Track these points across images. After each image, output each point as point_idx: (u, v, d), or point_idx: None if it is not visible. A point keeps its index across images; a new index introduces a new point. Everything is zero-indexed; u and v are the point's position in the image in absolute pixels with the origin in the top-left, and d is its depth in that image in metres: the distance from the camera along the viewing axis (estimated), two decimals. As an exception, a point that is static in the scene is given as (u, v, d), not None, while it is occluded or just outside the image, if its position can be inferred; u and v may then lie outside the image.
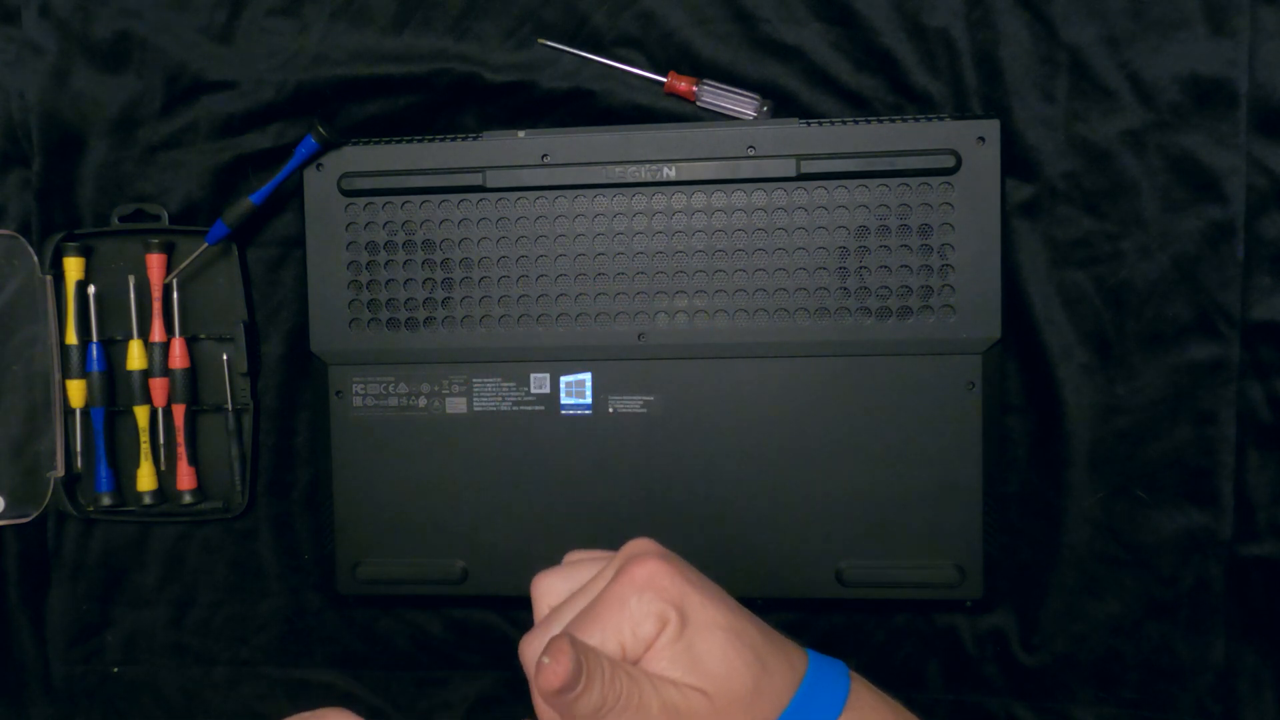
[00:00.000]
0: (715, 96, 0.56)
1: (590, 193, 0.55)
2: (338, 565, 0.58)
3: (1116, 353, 0.54)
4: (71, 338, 0.60)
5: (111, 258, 0.60)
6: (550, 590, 0.37)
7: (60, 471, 0.60)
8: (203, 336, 0.60)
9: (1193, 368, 0.54)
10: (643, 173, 0.54)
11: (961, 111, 0.55)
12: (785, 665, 0.34)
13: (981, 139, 0.53)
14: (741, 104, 0.56)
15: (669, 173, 0.54)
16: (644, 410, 0.56)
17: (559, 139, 0.55)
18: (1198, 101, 0.53)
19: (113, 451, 0.61)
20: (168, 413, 0.60)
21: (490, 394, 0.56)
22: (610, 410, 0.56)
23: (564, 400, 0.56)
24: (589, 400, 0.56)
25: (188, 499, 0.60)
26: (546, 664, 0.30)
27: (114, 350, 0.61)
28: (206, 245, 0.58)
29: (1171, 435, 0.54)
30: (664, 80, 0.56)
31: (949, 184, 0.53)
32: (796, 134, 0.54)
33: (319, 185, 0.57)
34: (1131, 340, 0.54)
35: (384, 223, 0.56)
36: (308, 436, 0.61)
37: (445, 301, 0.56)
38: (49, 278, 0.60)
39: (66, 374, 0.60)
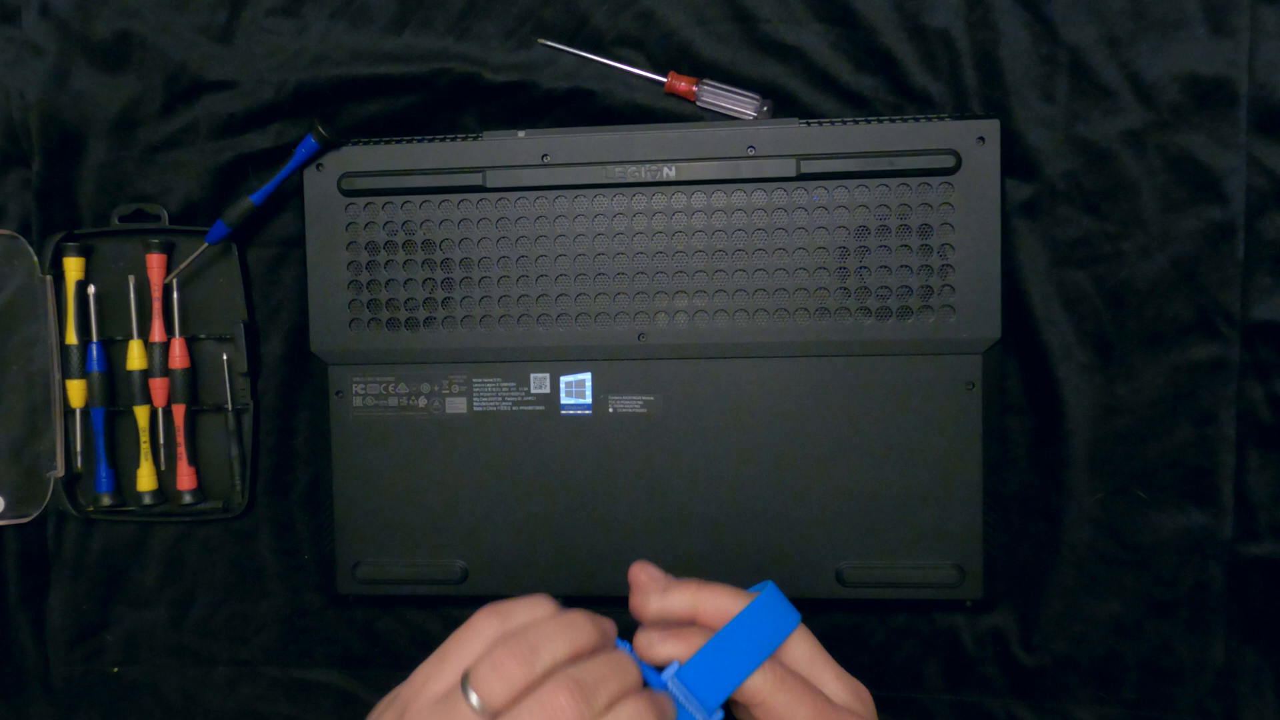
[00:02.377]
0: (715, 96, 0.56)
1: (590, 193, 0.55)
2: (338, 565, 0.58)
3: (1116, 353, 0.54)
4: (71, 338, 0.60)
5: (111, 258, 0.60)
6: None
7: (60, 471, 0.60)
8: (203, 336, 0.60)
9: (1193, 368, 0.54)
10: (643, 173, 0.55)
11: (961, 111, 0.55)
12: None
13: (981, 139, 0.53)
14: (741, 104, 0.56)
15: (669, 173, 0.54)
16: (644, 410, 0.56)
17: (559, 139, 0.55)
18: (1198, 101, 0.53)
19: (113, 451, 0.61)
20: (168, 413, 0.60)
21: (490, 394, 0.56)
22: (610, 410, 0.56)
23: (564, 400, 0.56)
24: (589, 400, 0.56)
25: (188, 499, 0.60)
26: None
27: (114, 350, 0.61)
28: (206, 245, 0.58)
29: (1171, 435, 0.54)
30: (664, 80, 0.56)
31: (949, 184, 0.53)
32: (796, 134, 0.54)
33: (319, 185, 0.57)
34: (1131, 340, 0.54)
35: (384, 223, 0.56)
36: (308, 436, 0.61)
37: (445, 301, 0.56)
38: (49, 278, 0.60)
39: (66, 374, 0.60)
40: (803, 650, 0.40)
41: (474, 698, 0.32)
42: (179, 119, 0.59)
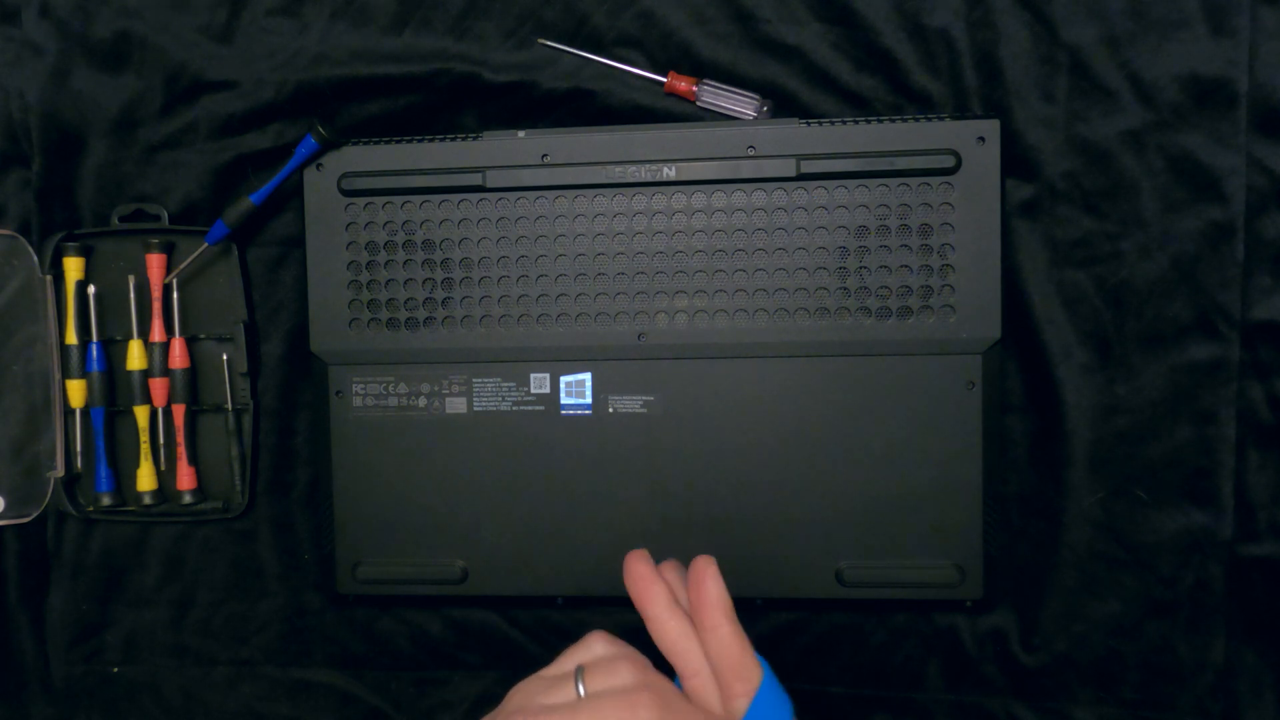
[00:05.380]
0: (715, 96, 0.56)
1: (590, 193, 0.55)
2: (338, 565, 0.58)
3: (1116, 353, 0.54)
4: (71, 338, 0.60)
5: (111, 258, 0.60)
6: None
7: (60, 471, 0.60)
8: (203, 336, 0.60)
9: (1193, 368, 0.54)
10: (643, 173, 0.55)
11: (961, 111, 0.55)
12: None
13: (981, 139, 0.53)
14: (741, 104, 0.56)
15: (669, 173, 0.54)
16: (644, 410, 0.56)
17: (559, 139, 0.55)
18: (1198, 101, 0.53)
19: (113, 451, 0.61)
20: (168, 413, 0.60)
21: (490, 394, 0.56)
22: (610, 410, 0.56)
23: (564, 400, 0.56)
24: (589, 400, 0.56)
25: (188, 499, 0.60)
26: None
27: (114, 350, 0.61)
28: (206, 245, 0.58)
29: (1171, 435, 0.54)
30: (664, 80, 0.56)
31: (949, 184, 0.53)
32: (796, 134, 0.54)
33: (319, 185, 0.57)
34: (1131, 340, 0.54)
35: (384, 223, 0.56)
36: (308, 436, 0.61)
37: (445, 301, 0.56)
38: (49, 278, 0.60)
39: (66, 374, 0.60)
40: None
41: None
42: (179, 119, 0.59)
